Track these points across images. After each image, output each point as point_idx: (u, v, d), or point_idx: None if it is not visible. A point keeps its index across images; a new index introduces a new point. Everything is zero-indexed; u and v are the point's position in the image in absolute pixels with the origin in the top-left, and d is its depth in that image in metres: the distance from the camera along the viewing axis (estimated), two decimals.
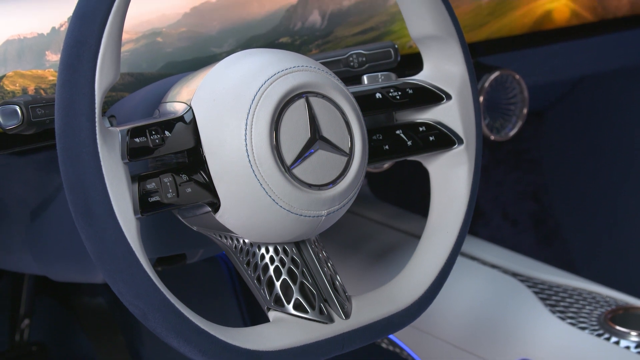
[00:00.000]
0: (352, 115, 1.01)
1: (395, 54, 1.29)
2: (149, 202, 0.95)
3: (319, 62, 1.05)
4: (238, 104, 0.96)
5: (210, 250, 1.33)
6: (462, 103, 1.14)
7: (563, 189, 2.32)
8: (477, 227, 2.30)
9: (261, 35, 1.35)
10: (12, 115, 1.06)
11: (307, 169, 0.98)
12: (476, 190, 1.15)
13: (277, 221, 0.98)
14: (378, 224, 1.84)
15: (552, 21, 1.68)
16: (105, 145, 0.92)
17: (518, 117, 1.66)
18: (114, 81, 0.92)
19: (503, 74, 1.62)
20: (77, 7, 0.92)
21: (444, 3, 1.11)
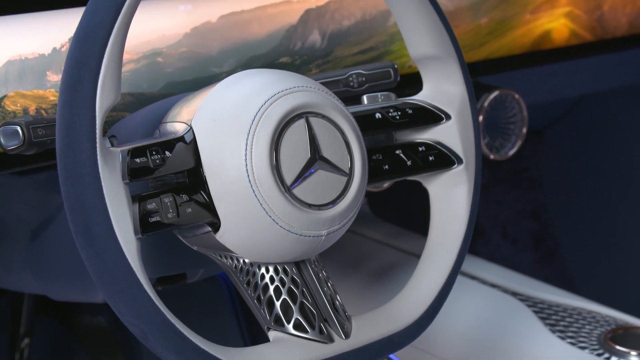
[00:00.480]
0: (352, 135, 1.02)
1: (394, 74, 1.29)
2: (149, 222, 0.95)
3: (319, 82, 1.05)
4: (238, 124, 0.96)
5: (210, 270, 1.33)
6: (462, 123, 1.14)
7: (563, 207, 2.32)
8: (477, 245, 2.31)
9: (261, 55, 1.35)
10: (13, 135, 1.07)
11: (307, 189, 0.98)
12: (476, 210, 1.15)
13: (277, 241, 0.98)
14: (378, 243, 1.84)
15: (551, 41, 1.68)
16: (106, 165, 0.92)
17: (517, 137, 1.66)
18: (115, 102, 0.93)
19: (502, 93, 1.63)
20: (78, 29, 0.93)
21: (443, 23, 1.12)
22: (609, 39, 1.75)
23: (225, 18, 1.32)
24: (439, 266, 1.13)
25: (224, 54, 1.33)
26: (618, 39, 1.76)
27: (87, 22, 0.92)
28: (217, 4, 1.31)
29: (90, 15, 0.92)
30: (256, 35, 1.35)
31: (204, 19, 1.30)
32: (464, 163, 1.14)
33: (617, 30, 1.76)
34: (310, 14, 1.40)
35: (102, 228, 0.91)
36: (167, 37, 1.28)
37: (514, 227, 2.35)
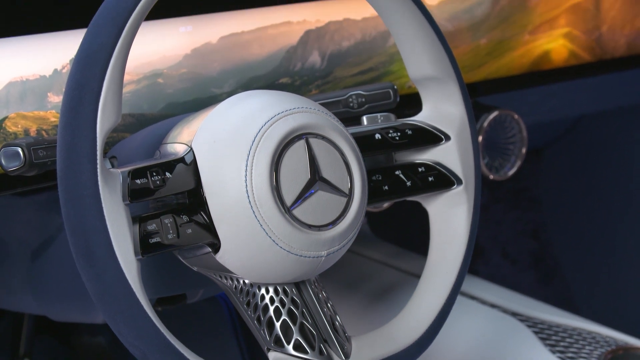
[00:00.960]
0: (352, 156, 1.02)
1: (394, 94, 1.30)
2: (149, 243, 0.95)
3: (319, 103, 1.05)
4: (238, 145, 0.97)
5: (210, 290, 1.33)
6: (461, 144, 1.15)
7: (562, 227, 2.32)
8: (476, 265, 2.30)
9: (261, 76, 1.36)
10: (14, 157, 1.07)
11: (307, 210, 0.98)
12: (475, 231, 1.15)
13: (277, 262, 0.99)
14: (378, 263, 1.84)
15: (550, 61, 1.69)
16: (107, 186, 0.92)
17: (517, 157, 1.66)
18: (116, 123, 0.93)
19: (502, 113, 1.63)
20: (79, 51, 0.93)
21: (442, 44, 1.12)
22: (608, 59, 1.76)
23: (226, 39, 1.33)
24: (439, 287, 1.13)
25: (224, 74, 1.33)
26: (617, 60, 1.77)
27: (88, 44, 0.93)
28: (217, 25, 1.31)
29: (91, 37, 0.93)
30: (256, 56, 1.36)
31: (205, 40, 1.31)
32: (464, 184, 1.15)
33: (616, 50, 1.76)
34: (310, 35, 1.40)
35: (103, 249, 0.92)
36: (168, 59, 1.28)
37: (514, 246, 2.35)
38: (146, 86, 1.27)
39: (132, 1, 0.93)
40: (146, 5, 0.94)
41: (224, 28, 1.32)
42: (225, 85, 1.33)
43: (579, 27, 1.71)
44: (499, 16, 1.61)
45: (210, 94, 1.31)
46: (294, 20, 1.38)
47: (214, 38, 1.31)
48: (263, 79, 1.36)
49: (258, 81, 1.35)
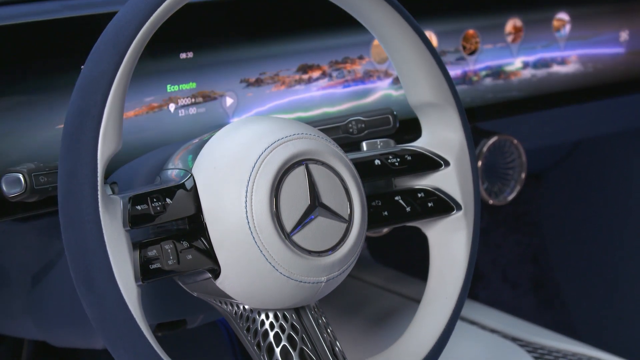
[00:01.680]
0: (351, 182, 1.02)
1: (393, 120, 1.30)
2: (150, 269, 0.95)
3: (318, 129, 1.06)
4: (238, 171, 0.97)
5: (210, 316, 1.33)
6: (460, 169, 1.15)
7: (563, 251, 2.32)
8: (476, 289, 2.30)
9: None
10: (15, 183, 1.08)
11: (307, 236, 0.98)
12: (475, 256, 1.15)
13: (277, 287, 0.99)
14: (377, 288, 1.84)
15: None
16: (107, 213, 0.92)
17: (516, 182, 1.67)
18: (117, 150, 0.93)
19: (501, 138, 1.64)
20: (81, 77, 0.94)
21: (441, 71, 1.13)
22: (607, 84, 1.77)
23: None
24: (439, 312, 1.13)
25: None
26: (615, 84, 1.78)
27: (89, 71, 0.93)
28: (217, 51, 1.32)
29: (93, 64, 0.93)
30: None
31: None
32: (463, 209, 1.15)
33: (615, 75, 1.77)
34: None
35: (103, 275, 0.92)
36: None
37: (514, 271, 2.35)
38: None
39: (133, 28, 0.94)
40: (147, 32, 0.94)
41: (224, 55, 1.33)
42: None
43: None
44: None
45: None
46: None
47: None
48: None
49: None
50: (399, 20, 1.09)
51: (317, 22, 1.42)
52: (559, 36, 1.65)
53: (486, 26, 1.57)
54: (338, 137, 1.26)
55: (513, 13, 1.60)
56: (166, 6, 0.95)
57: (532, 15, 1.62)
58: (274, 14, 1.38)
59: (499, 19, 1.59)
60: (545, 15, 1.64)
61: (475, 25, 1.56)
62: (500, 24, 1.59)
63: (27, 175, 1.07)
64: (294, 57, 1.39)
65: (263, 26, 1.37)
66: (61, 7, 1.29)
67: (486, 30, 1.57)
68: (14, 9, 1.29)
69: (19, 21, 1.19)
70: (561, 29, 1.65)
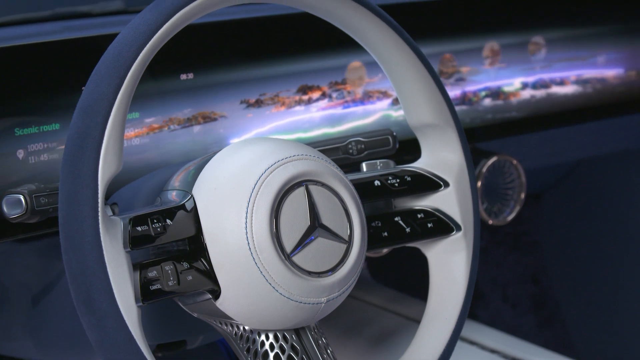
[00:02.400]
0: (351, 203, 1.03)
1: (393, 141, 1.31)
2: (150, 290, 0.96)
3: (318, 150, 1.06)
4: (239, 192, 0.97)
5: (210, 336, 1.33)
6: (460, 190, 1.15)
7: (563, 271, 2.32)
8: (476, 309, 2.30)
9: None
10: (16, 204, 1.08)
11: (307, 257, 0.99)
12: (475, 277, 1.16)
13: (277, 308, 0.99)
14: (377, 308, 1.84)
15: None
16: (108, 234, 0.93)
17: (516, 202, 1.67)
18: (117, 171, 0.94)
19: (500, 159, 1.64)
20: (81, 100, 0.94)
21: (441, 92, 1.13)
22: (606, 104, 1.77)
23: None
24: (438, 333, 1.13)
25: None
26: (614, 105, 1.78)
27: (89, 93, 0.93)
28: (218, 72, 1.33)
29: (93, 86, 0.94)
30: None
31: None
32: (463, 230, 1.15)
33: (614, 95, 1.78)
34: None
35: (103, 296, 0.92)
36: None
37: (514, 290, 2.35)
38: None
39: (134, 51, 0.94)
40: (148, 54, 0.95)
41: (225, 75, 1.33)
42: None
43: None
44: None
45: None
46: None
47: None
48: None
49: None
50: (398, 41, 1.10)
51: (316, 43, 1.42)
52: (535, 59, 1.65)
53: (463, 50, 1.57)
54: (338, 158, 1.26)
55: (490, 37, 1.60)
56: (167, 28, 0.96)
57: (509, 39, 1.62)
58: (273, 35, 1.39)
59: (476, 42, 1.59)
60: (522, 39, 1.64)
61: (451, 49, 1.56)
62: (477, 47, 1.59)
63: (27, 196, 1.08)
64: (293, 78, 1.39)
65: (263, 47, 1.37)
66: (62, 29, 1.30)
67: (463, 54, 1.57)
68: (15, 31, 1.30)
69: (20, 43, 1.19)
70: (537, 53, 1.65)
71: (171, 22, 0.96)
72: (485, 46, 1.59)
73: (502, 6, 1.67)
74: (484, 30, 1.61)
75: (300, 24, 1.40)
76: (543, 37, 1.66)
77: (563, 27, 1.70)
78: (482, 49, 1.59)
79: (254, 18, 1.37)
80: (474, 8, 1.64)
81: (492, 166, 1.62)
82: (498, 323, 2.19)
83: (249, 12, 1.38)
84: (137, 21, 0.95)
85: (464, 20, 1.60)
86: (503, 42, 1.61)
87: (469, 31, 1.59)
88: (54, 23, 1.36)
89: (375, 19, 1.08)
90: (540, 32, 1.66)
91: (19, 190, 1.09)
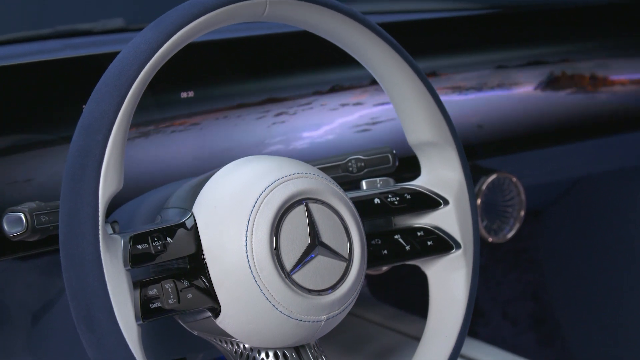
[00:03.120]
0: (351, 221, 1.03)
1: (393, 159, 1.31)
2: (150, 309, 0.96)
3: (318, 168, 1.06)
4: (239, 210, 0.98)
5: (210, 354, 1.33)
6: (460, 208, 1.16)
7: (563, 288, 2.32)
8: (476, 326, 2.30)
9: None
10: (17, 222, 1.08)
11: (307, 275, 0.99)
12: (474, 295, 1.16)
13: (276, 326, 0.99)
14: (377, 326, 1.84)
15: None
16: (108, 252, 0.93)
17: (515, 219, 1.67)
18: (118, 189, 0.94)
19: (500, 176, 1.64)
20: (82, 118, 0.94)
21: (440, 110, 1.14)
22: (605, 122, 1.78)
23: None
24: (438, 350, 1.13)
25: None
26: (613, 122, 1.79)
27: (90, 111, 0.94)
28: (218, 90, 1.33)
29: (94, 104, 0.94)
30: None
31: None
32: (462, 248, 1.15)
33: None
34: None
35: (104, 314, 0.92)
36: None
37: (514, 308, 2.34)
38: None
39: (135, 69, 0.94)
40: (149, 73, 0.95)
41: (224, 92, 1.34)
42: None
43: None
44: None
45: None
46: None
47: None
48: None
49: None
50: (397, 60, 1.10)
51: (316, 61, 1.42)
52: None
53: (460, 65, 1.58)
54: (338, 176, 1.27)
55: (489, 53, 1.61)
56: (167, 47, 0.96)
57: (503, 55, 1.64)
58: (274, 53, 1.39)
59: (474, 58, 1.60)
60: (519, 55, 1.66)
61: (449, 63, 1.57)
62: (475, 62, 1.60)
63: (28, 214, 1.08)
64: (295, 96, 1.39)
65: (263, 65, 1.37)
66: (63, 46, 1.30)
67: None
68: (17, 48, 1.30)
69: (21, 61, 1.19)
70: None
71: (172, 41, 0.96)
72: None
73: (500, 24, 1.67)
74: (482, 47, 1.61)
75: (300, 42, 1.41)
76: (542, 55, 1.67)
77: (561, 44, 1.71)
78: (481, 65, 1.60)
79: (254, 36, 1.38)
80: (472, 26, 1.65)
81: (492, 183, 1.63)
82: (498, 341, 2.19)
83: (250, 30, 1.38)
84: (138, 40, 0.96)
85: (462, 38, 1.61)
86: (498, 58, 1.62)
87: (467, 48, 1.59)
88: (55, 41, 1.37)
89: (374, 37, 1.08)
90: (536, 49, 1.67)
91: (19, 208, 1.09)
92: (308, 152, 1.37)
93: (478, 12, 1.74)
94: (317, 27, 1.07)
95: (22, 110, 1.18)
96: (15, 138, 1.16)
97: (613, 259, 2.19)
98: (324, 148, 1.39)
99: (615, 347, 2.21)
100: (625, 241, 2.17)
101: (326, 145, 1.40)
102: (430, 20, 1.64)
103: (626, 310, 2.19)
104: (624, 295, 2.19)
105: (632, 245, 2.16)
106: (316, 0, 1.04)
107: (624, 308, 2.19)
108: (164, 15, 0.97)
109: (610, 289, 2.21)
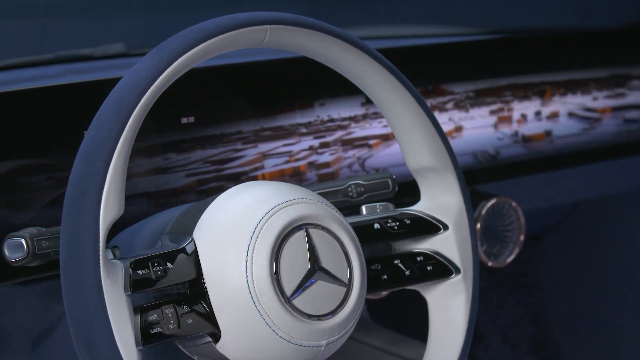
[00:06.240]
0: (351, 246, 1.03)
1: (393, 184, 1.31)
2: (150, 334, 0.96)
3: (318, 193, 1.07)
4: (239, 236, 0.98)
5: None
6: (459, 233, 1.16)
7: (563, 312, 2.32)
8: (477, 350, 2.29)
9: None
10: (17, 248, 1.08)
11: (307, 300, 0.99)
12: (474, 319, 1.16)
13: (277, 351, 0.99)
14: (377, 350, 1.84)
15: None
16: (109, 278, 0.93)
17: (515, 244, 1.67)
18: (118, 215, 0.94)
19: (500, 201, 1.65)
20: (83, 144, 0.95)
21: (440, 135, 1.14)
22: (604, 146, 1.78)
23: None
24: None
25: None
26: (613, 147, 1.79)
27: (91, 137, 0.94)
28: (218, 115, 1.33)
29: (95, 130, 0.94)
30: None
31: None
32: (462, 273, 1.15)
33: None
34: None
35: (104, 340, 0.92)
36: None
37: (514, 332, 2.34)
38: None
39: (136, 95, 0.95)
40: (149, 99, 0.95)
41: (225, 117, 1.34)
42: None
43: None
44: None
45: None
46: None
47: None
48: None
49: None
50: (397, 85, 1.11)
51: (316, 87, 1.43)
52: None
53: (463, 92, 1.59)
54: (337, 201, 1.27)
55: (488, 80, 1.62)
56: (168, 74, 0.96)
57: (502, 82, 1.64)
58: (275, 80, 1.40)
59: (475, 85, 1.61)
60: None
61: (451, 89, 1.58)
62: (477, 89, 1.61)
63: (29, 240, 1.08)
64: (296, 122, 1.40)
65: (264, 91, 1.38)
66: (64, 72, 1.31)
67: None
68: (18, 74, 1.31)
69: (23, 87, 1.20)
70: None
71: (173, 67, 0.96)
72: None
73: (498, 51, 1.68)
74: (482, 74, 1.62)
75: (301, 69, 1.41)
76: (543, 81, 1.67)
77: (562, 71, 1.72)
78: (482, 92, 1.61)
79: (254, 62, 1.38)
80: (473, 52, 1.66)
81: (492, 208, 1.63)
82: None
83: (249, 56, 1.39)
84: (139, 66, 0.96)
85: (463, 64, 1.61)
86: (498, 84, 1.63)
87: (467, 75, 1.60)
88: (56, 66, 1.37)
89: (374, 63, 1.09)
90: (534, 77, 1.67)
91: (20, 233, 1.09)
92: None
93: (478, 38, 1.75)
94: (317, 53, 1.07)
95: (23, 135, 1.18)
96: (16, 163, 1.17)
97: (613, 284, 2.19)
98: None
99: None
100: (624, 266, 2.17)
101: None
102: (430, 46, 1.64)
103: (626, 335, 2.18)
104: (623, 319, 2.19)
105: (631, 270, 2.16)
106: (316, 26, 1.04)
107: (624, 333, 2.19)
108: (165, 42, 0.98)
109: (610, 314, 2.21)
